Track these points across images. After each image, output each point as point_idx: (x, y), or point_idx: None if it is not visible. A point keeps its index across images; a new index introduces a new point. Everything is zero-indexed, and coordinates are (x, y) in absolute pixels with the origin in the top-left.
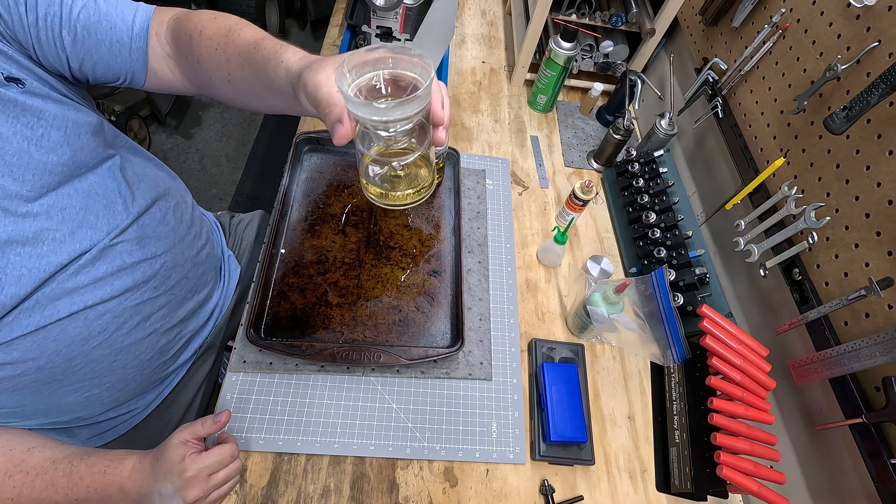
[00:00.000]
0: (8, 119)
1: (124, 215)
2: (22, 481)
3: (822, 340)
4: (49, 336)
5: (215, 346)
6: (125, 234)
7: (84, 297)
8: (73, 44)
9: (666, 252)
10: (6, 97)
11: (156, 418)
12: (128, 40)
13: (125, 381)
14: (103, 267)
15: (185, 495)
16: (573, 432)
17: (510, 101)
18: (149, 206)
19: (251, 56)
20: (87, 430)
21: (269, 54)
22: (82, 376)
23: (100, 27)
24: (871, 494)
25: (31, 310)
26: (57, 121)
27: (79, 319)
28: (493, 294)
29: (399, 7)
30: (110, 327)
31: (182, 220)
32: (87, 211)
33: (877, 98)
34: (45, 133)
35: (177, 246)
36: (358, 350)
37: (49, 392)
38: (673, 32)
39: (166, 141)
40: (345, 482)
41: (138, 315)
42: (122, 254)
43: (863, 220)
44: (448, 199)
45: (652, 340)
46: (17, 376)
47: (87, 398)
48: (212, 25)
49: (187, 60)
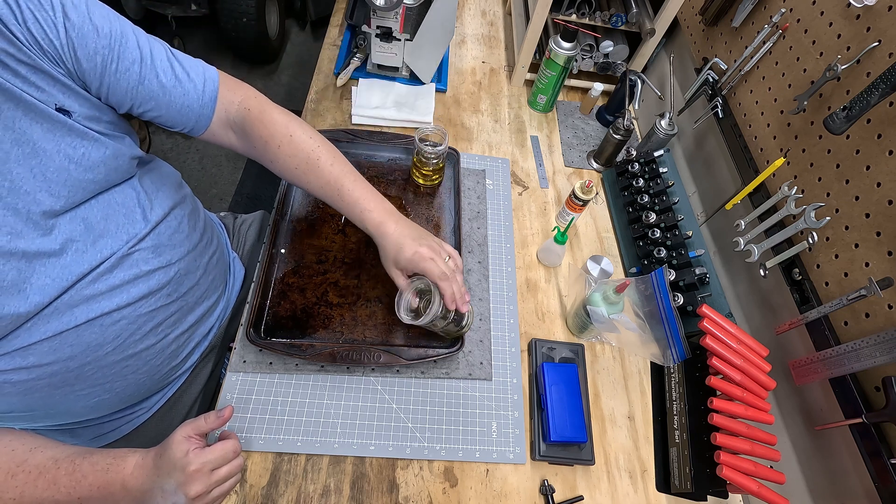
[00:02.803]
0: (54, 137)
1: (143, 224)
2: (24, 480)
3: (822, 340)
4: (65, 342)
5: (217, 347)
6: (143, 242)
7: (101, 304)
8: (149, 99)
9: (666, 252)
10: (57, 118)
11: (158, 419)
12: (198, 107)
13: (135, 386)
14: (120, 275)
15: (188, 490)
16: (573, 432)
17: (510, 101)
18: (166, 214)
19: (331, 195)
20: (90, 431)
21: (351, 202)
22: (93, 381)
23: (175, 92)
24: (871, 494)
25: (50, 316)
26: (98, 144)
27: (95, 326)
28: (493, 294)
29: (399, 7)
30: (124, 334)
31: (196, 227)
32: (108, 220)
33: (877, 98)
34: (87, 153)
35: (190, 253)
36: (358, 350)
37: (60, 396)
38: (673, 32)
39: (166, 141)
40: (345, 482)
41: (151, 322)
42: (139, 262)
43: (863, 220)
44: (448, 199)
45: (652, 340)
46: (30, 380)
47: (97, 403)
48: (290, 145)
49: (255, 151)
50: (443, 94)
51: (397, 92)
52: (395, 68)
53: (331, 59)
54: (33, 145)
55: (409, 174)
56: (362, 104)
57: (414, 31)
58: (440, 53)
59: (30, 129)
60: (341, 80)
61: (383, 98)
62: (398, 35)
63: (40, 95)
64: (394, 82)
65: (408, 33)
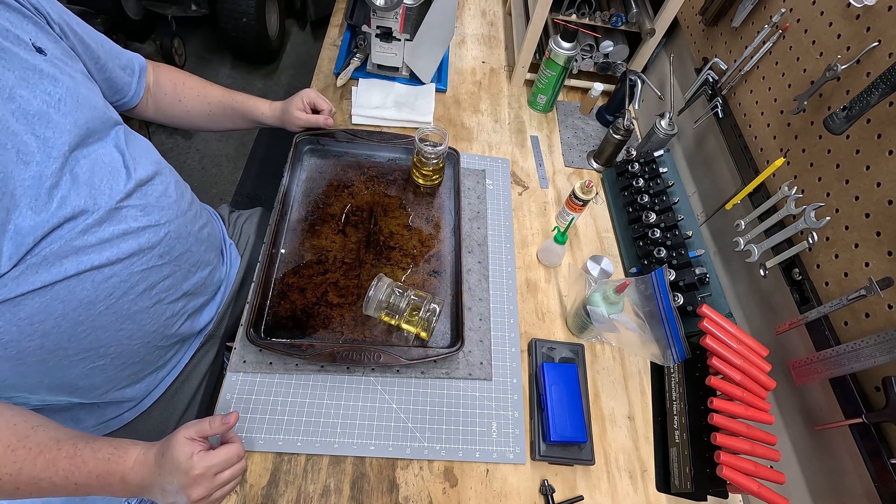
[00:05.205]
0: (28, 84)
1: (128, 181)
2: (24, 457)
3: (822, 340)
4: (56, 297)
5: (217, 336)
6: (130, 199)
7: (91, 256)
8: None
9: (666, 252)
10: (29, 64)
11: (160, 408)
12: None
13: (130, 354)
14: (109, 229)
15: (190, 493)
16: (573, 432)
17: (510, 101)
18: (150, 177)
19: (227, 104)
20: (94, 416)
21: (243, 105)
22: (87, 345)
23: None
24: (871, 494)
25: (38, 266)
26: (70, 90)
27: (86, 281)
28: (493, 294)
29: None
30: (116, 292)
31: (183, 196)
32: (94, 175)
33: (877, 98)
34: (63, 98)
35: (179, 219)
36: (358, 350)
37: (54, 362)
38: (673, 32)
39: (166, 141)
40: (345, 482)
41: (144, 282)
42: (128, 218)
43: (863, 220)
44: (448, 199)
45: (652, 340)
46: (21, 340)
47: (92, 370)
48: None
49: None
50: (443, 94)
51: (397, 92)
52: (395, 68)
53: (331, 59)
54: (10, 91)
55: (409, 174)
56: (362, 104)
57: (414, 31)
58: (440, 53)
59: (3, 76)
60: (341, 80)
61: (383, 98)
62: (398, 35)
63: (19, 32)
64: (394, 82)
65: (408, 33)
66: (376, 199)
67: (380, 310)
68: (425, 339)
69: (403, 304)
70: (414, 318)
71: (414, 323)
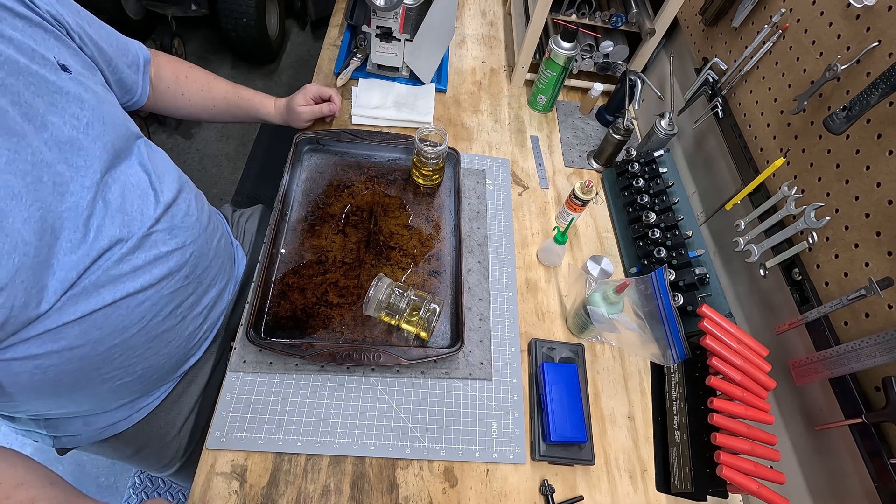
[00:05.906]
0: (57, 109)
1: (156, 207)
2: None
3: (822, 340)
4: (95, 324)
5: (220, 336)
6: (159, 224)
7: (126, 284)
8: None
9: (666, 252)
10: (56, 87)
11: (165, 409)
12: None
13: (155, 369)
14: (142, 255)
15: None
16: (573, 432)
17: (510, 101)
18: (175, 197)
19: (232, 100)
20: (104, 419)
21: (249, 103)
22: (119, 364)
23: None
24: (871, 494)
25: (79, 297)
26: (96, 111)
27: (122, 307)
28: (493, 294)
29: (399, 7)
30: (148, 315)
31: (203, 210)
32: (125, 200)
33: (877, 98)
34: (90, 122)
35: (201, 236)
36: (358, 350)
37: (87, 381)
38: (673, 32)
39: (166, 141)
40: (345, 482)
41: (172, 303)
42: (158, 243)
43: (863, 220)
44: (448, 199)
45: (652, 340)
46: (62, 364)
47: (119, 385)
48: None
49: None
50: (443, 94)
51: (397, 92)
52: (395, 68)
53: (331, 59)
54: (41, 119)
55: (409, 174)
56: (362, 104)
57: (414, 31)
58: (440, 53)
59: (34, 103)
60: (341, 80)
61: (383, 98)
62: (398, 35)
63: (44, 51)
64: (394, 82)
65: (408, 33)
66: (376, 199)
67: (380, 310)
68: (425, 339)
69: (403, 304)
70: (414, 318)
71: (414, 323)
